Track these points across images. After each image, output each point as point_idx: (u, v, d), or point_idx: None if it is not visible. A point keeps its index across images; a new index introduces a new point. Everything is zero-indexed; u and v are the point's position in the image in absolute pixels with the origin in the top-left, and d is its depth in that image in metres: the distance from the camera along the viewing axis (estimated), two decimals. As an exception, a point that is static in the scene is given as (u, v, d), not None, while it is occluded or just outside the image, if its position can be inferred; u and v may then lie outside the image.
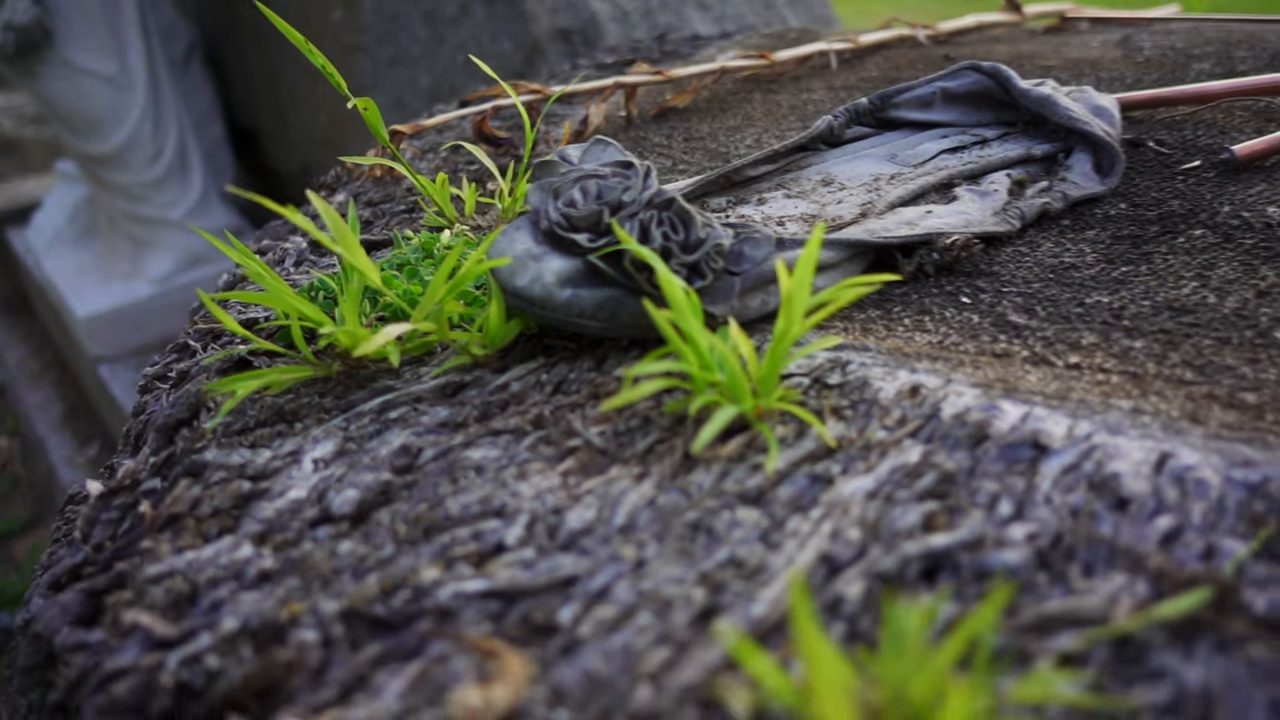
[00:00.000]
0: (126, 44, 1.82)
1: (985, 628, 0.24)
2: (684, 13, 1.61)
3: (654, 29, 1.55)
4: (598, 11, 1.51)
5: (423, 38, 1.67)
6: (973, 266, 0.51)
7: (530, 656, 0.29)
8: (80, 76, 1.76)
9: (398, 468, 0.39)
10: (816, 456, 0.36)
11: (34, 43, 1.65)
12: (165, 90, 1.91)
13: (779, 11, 1.74)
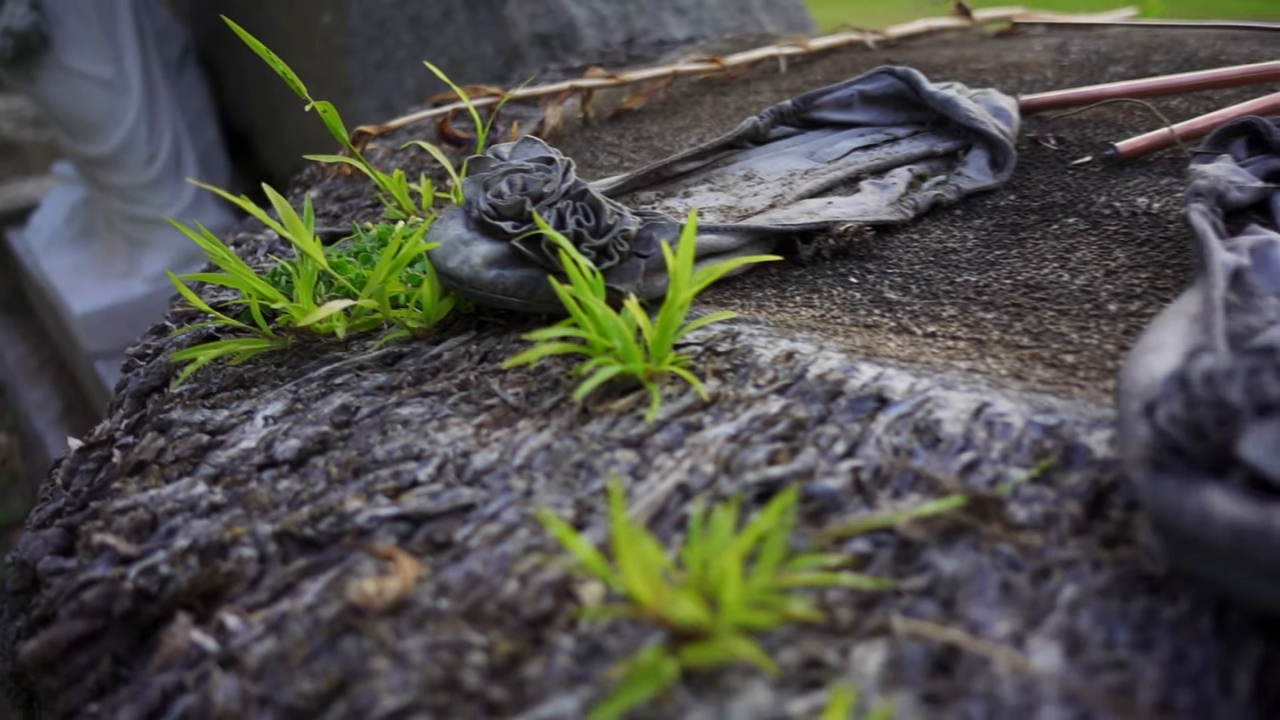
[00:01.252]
0: (122, 48, 1.90)
1: (773, 525, 0.30)
2: (660, 17, 1.67)
3: (631, 33, 1.62)
4: (575, 16, 1.58)
5: (408, 41, 1.74)
6: (865, 251, 0.58)
7: (426, 563, 0.35)
8: (77, 80, 1.84)
9: (336, 423, 0.46)
10: (693, 409, 0.43)
11: (32, 48, 1.73)
12: (160, 93, 1.99)
13: (755, 16, 1.80)
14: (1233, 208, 0.49)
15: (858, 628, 0.30)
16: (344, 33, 1.87)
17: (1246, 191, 0.50)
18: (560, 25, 1.57)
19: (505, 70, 1.56)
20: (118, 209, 1.95)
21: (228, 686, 0.31)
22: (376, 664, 0.30)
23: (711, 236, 0.54)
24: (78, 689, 0.36)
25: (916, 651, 0.29)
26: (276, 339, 0.54)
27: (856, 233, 0.57)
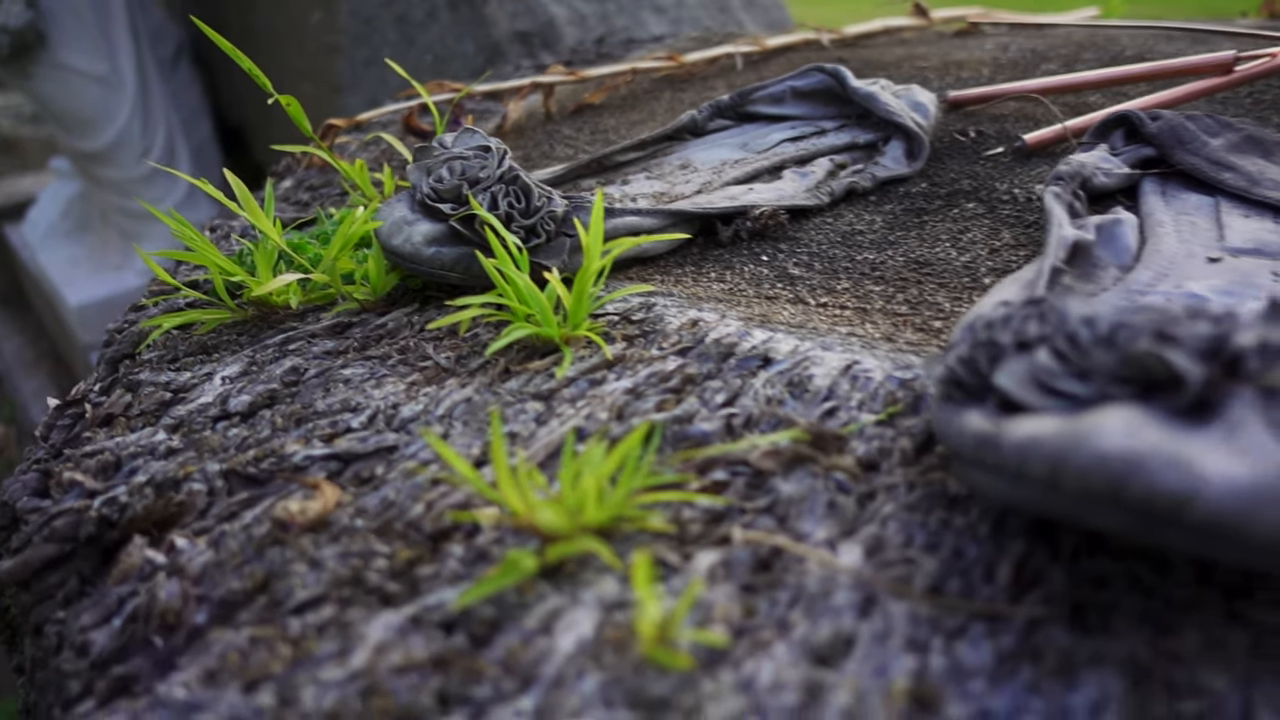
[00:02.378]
0: (117, 45, 1.96)
1: (633, 450, 0.36)
2: (640, 16, 1.73)
3: (611, 32, 1.67)
4: (555, 15, 1.63)
5: (394, 40, 1.80)
6: (779, 232, 0.64)
7: (348, 493, 0.41)
8: (72, 77, 1.90)
9: (286, 381, 0.52)
10: (599, 368, 0.49)
11: (28, 45, 1.79)
12: (154, 90, 2.05)
13: (734, 15, 1.86)
14: (1100, 192, 0.55)
15: (703, 538, 0.36)
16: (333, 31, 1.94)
17: (1113, 177, 0.55)
18: (540, 24, 1.63)
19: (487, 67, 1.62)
20: (112, 203, 2.02)
21: (170, 588, 0.37)
22: (296, 567, 0.36)
23: (634, 218, 0.60)
24: (48, 604, 0.42)
25: (745, 554, 0.35)
26: (238, 310, 0.60)
27: (771, 215, 0.63)
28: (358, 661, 0.31)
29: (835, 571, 0.33)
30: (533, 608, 0.33)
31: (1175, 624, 0.29)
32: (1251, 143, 0.56)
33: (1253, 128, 0.57)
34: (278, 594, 0.35)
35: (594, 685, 0.29)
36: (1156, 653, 0.28)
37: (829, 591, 0.32)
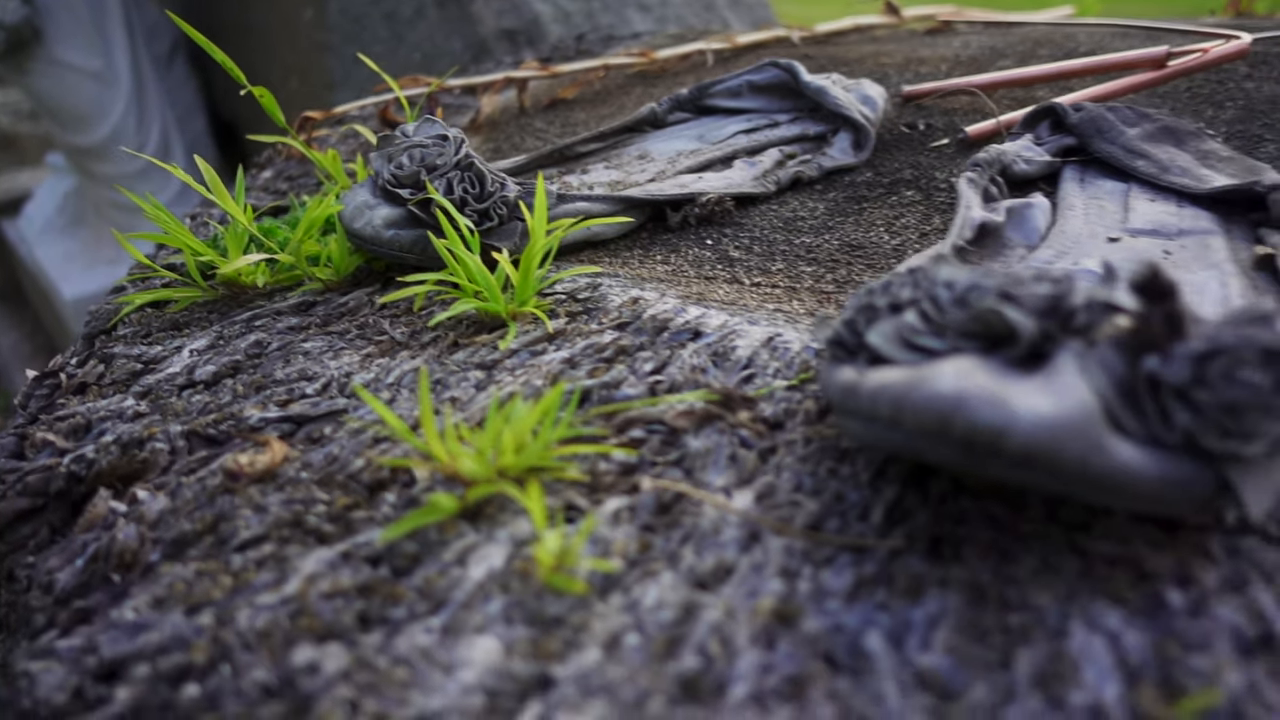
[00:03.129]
0: (112, 42, 2.00)
1: (551, 406, 0.40)
2: (625, 14, 1.77)
3: (596, 30, 1.71)
4: (541, 13, 1.67)
5: (384, 37, 1.84)
6: (726, 219, 0.67)
7: (297, 450, 0.45)
8: (67, 72, 1.94)
9: (249, 354, 0.56)
10: (541, 340, 0.53)
11: (24, 41, 1.83)
12: (149, 86, 2.09)
13: (719, 13, 1.90)
14: (1020, 178, 0.59)
15: (615, 486, 0.40)
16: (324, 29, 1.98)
17: (1034, 165, 0.59)
18: (526, 21, 1.67)
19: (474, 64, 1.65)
20: (107, 198, 2.06)
21: (128, 531, 0.40)
22: (242, 512, 0.40)
23: (584, 204, 0.63)
24: (21, 553, 0.46)
25: (650, 499, 0.38)
26: (210, 290, 0.64)
27: (718, 202, 0.66)
28: (290, 589, 0.35)
29: (727, 513, 0.37)
30: (451, 544, 0.37)
31: (1017, 553, 0.33)
32: (1166, 132, 0.60)
33: (1169, 119, 0.61)
34: (224, 534, 0.39)
35: (498, 607, 0.33)
36: (996, 577, 0.32)
37: (718, 530, 0.36)
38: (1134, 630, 0.29)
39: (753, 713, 0.28)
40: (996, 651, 0.29)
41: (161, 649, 0.33)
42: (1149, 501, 0.29)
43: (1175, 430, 0.29)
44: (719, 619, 0.32)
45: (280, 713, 0.30)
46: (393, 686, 0.30)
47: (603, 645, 0.31)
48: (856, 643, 0.30)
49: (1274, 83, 0.80)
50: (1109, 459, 0.28)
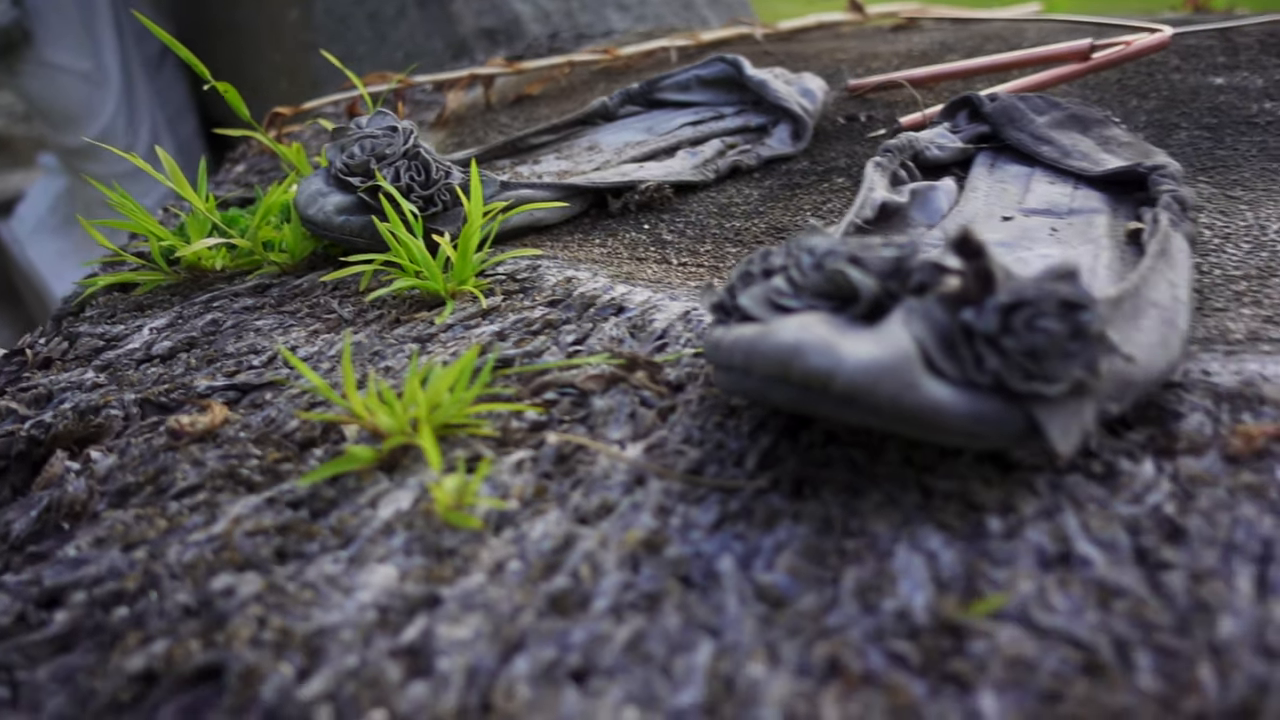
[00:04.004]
0: (101, 43, 2.05)
1: (466, 368, 0.44)
2: (603, 13, 1.81)
3: (575, 28, 1.75)
4: (520, 13, 1.71)
5: (368, 36, 1.88)
6: (665, 205, 0.71)
7: (238, 413, 0.49)
8: (57, 74, 1.99)
9: (205, 331, 0.60)
10: (475, 316, 0.57)
11: (14, 43, 1.88)
12: (139, 87, 2.14)
13: (699, 12, 1.94)
14: (933, 163, 0.63)
15: (523, 441, 0.44)
16: (309, 29, 2.02)
17: (946, 151, 0.63)
18: (506, 20, 1.71)
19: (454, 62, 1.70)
20: (98, 198, 2.10)
21: (78, 484, 0.45)
22: (182, 466, 0.44)
23: (528, 191, 0.68)
24: (-14, 512, 0.50)
25: (551, 451, 0.42)
26: (172, 274, 0.68)
27: (657, 189, 0.71)
28: (217, 529, 0.39)
29: (618, 462, 0.41)
30: (367, 490, 0.41)
31: (868, 491, 0.37)
32: (1073, 120, 0.64)
33: (1077, 107, 0.65)
34: (163, 484, 0.43)
35: (401, 541, 0.37)
36: (844, 510, 0.36)
37: (608, 475, 0.40)
38: (951, 551, 0.33)
39: (609, 622, 0.32)
40: (830, 570, 0.33)
41: (97, 580, 0.37)
42: (962, 436, 0.33)
43: (986, 373, 0.33)
44: (593, 548, 0.36)
45: (197, 629, 0.34)
46: (298, 606, 0.34)
47: (488, 571, 0.35)
48: (710, 566, 0.34)
49: (1199, 74, 0.84)
50: (920, 396, 0.32)
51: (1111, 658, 0.29)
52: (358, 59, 1.91)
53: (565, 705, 0.29)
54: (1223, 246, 0.55)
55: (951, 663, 0.29)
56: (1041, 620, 0.30)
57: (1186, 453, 0.37)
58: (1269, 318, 0.47)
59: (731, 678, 0.29)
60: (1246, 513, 0.34)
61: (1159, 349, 0.39)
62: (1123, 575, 0.32)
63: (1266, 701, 0.27)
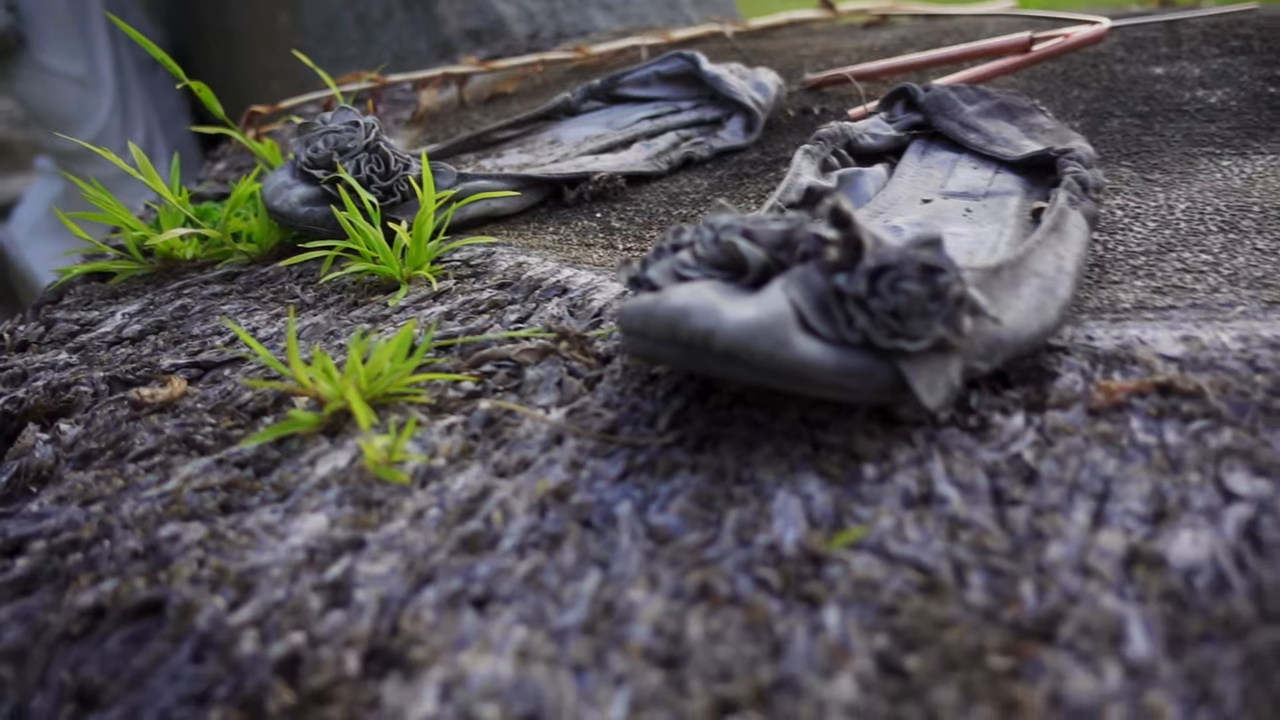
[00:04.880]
0: (95, 47, 2.10)
1: (404, 341, 0.47)
2: (587, 13, 1.85)
3: (559, 29, 1.79)
4: (504, 13, 1.75)
5: (356, 39, 1.92)
6: (618, 195, 0.75)
7: (198, 388, 0.53)
8: (51, 78, 2.04)
9: (174, 316, 0.64)
10: (427, 298, 0.60)
11: (8, 48, 1.93)
12: (133, 90, 2.18)
13: (683, 11, 1.97)
14: (867, 151, 0.66)
15: (457, 408, 0.47)
16: (299, 32, 2.06)
17: (880, 139, 0.67)
18: (490, 21, 1.75)
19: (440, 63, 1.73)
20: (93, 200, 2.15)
21: (45, 451, 0.48)
22: (141, 434, 0.48)
23: (484, 182, 0.71)
24: (-36, 482, 0.54)
25: (481, 416, 0.46)
26: (147, 264, 0.72)
27: (610, 180, 0.74)
28: (169, 486, 0.43)
29: (541, 424, 0.45)
30: (308, 451, 0.45)
31: (762, 445, 0.40)
32: (1001, 109, 0.67)
33: (1006, 96, 0.68)
34: (122, 449, 0.47)
35: (334, 494, 0.41)
36: (738, 462, 0.40)
37: (530, 436, 0.44)
38: (826, 494, 0.37)
39: (512, 558, 0.36)
40: (716, 513, 0.37)
41: (56, 531, 0.41)
42: (834, 389, 0.37)
43: (855, 331, 0.36)
44: (506, 497, 0.39)
45: (143, 570, 0.38)
46: (235, 549, 0.38)
47: (409, 518, 0.39)
48: (610, 511, 0.38)
49: (1141, 65, 0.87)
50: (792, 352, 0.36)
51: (949, 578, 0.32)
52: (347, 61, 1.96)
53: (463, 626, 0.33)
54: (1131, 225, 0.58)
55: (807, 585, 0.32)
56: (894, 549, 0.34)
57: (1055, 407, 0.41)
58: (1158, 289, 0.50)
59: (613, 602, 0.33)
60: (1095, 457, 0.37)
61: (1034, 314, 0.42)
62: (974, 512, 0.35)
63: (1073, 610, 0.30)
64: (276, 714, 0.31)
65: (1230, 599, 0.30)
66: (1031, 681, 0.28)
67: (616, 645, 0.31)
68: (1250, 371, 0.41)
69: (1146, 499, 0.35)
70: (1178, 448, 0.37)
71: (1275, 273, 0.51)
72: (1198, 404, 0.40)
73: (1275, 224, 0.56)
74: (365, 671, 0.32)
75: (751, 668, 0.30)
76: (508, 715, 0.29)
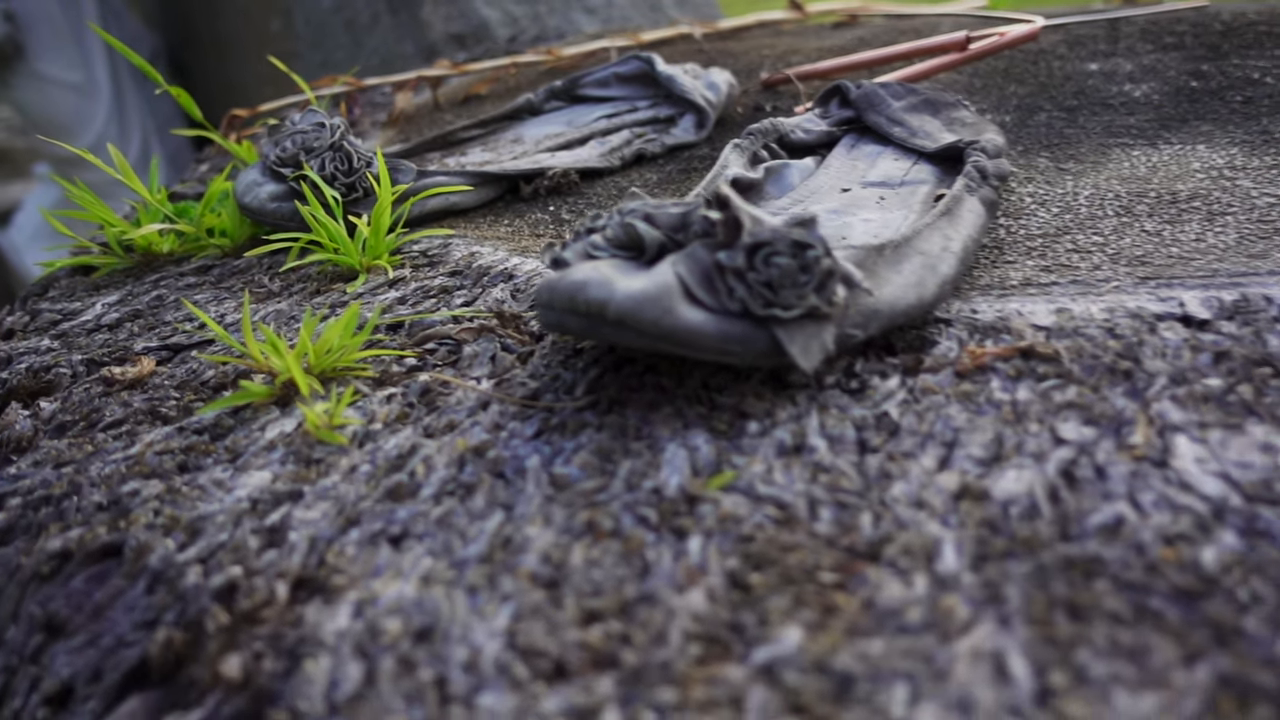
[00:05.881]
0: (91, 55, 2.16)
1: (350, 321, 0.52)
2: (571, 16, 1.90)
3: (544, 32, 1.84)
4: (488, 18, 1.81)
5: (345, 43, 1.98)
6: (573, 190, 0.80)
7: (168, 367, 0.58)
8: (49, 86, 2.10)
9: (150, 305, 0.69)
10: (383, 285, 0.65)
11: (6, 57, 1.99)
12: (129, 97, 2.24)
13: (666, 13, 2.03)
14: (799, 145, 0.71)
15: (399, 381, 0.52)
16: (291, 38, 2.12)
17: (811, 134, 0.72)
18: (474, 25, 1.80)
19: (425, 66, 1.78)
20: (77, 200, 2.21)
21: (24, 423, 0.54)
22: (113, 407, 0.53)
23: (443, 178, 0.76)
24: (-46, 457, 0.59)
25: (418, 387, 0.51)
26: (127, 258, 0.77)
27: (563, 175, 0.79)
28: (133, 451, 0.48)
29: (471, 393, 0.50)
30: (260, 419, 0.50)
31: (664, 406, 0.45)
32: (926, 104, 0.72)
33: (932, 93, 0.73)
34: (93, 420, 0.52)
35: (279, 454, 0.46)
36: (640, 421, 0.45)
37: (460, 403, 0.49)
38: (711, 446, 0.42)
39: (429, 504, 0.41)
40: (613, 464, 0.42)
41: (31, 490, 0.46)
42: (717, 352, 0.42)
43: (735, 300, 0.41)
44: (431, 454, 0.44)
45: (105, 519, 0.43)
46: (187, 501, 0.43)
47: (343, 473, 0.44)
48: (521, 464, 0.43)
49: (1078, 61, 0.92)
50: (676, 319, 0.41)
51: (803, 512, 0.37)
52: (336, 64, 2.01)
53: (379, 559, 0.38)
54: (1035, 211, 0.63)
55: (680, 520, 0.37)
56: (760, 490, 0.38)
57: (927, 371, 0.45)
58: (1047, 267, 0.55)
59: (510, 537, 0.38)
60: (952, 412, 0.42)
61: (912, 289, 0.47)
62: (838, 459, 0.40)
63: (901, 535, 0.35)
64: (214, 633, 0.36)
65: (1036, 524, 0.35)
66: (852, 591, 0.33)
67: (508, 571, 0.36)
68: (1107, 338, 0.46)
69: (987, 446, 0.40)
70: (1025, 403, 0.42)
71: (1155, 252, 0.55)
72: (1053, 366, 0.44)
73: (1167, 208, 0.61)
74: (293, 598, 0.37)
75: (620, 586, 0.34)
76: (407, 628, 0.34)
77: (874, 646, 0.30)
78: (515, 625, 0.33)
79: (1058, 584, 0.32)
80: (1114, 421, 0.40)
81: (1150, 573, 0.32)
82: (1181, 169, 0.67)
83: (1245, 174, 0.65)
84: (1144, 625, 0.30)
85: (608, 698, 0.30)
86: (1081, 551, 0.33)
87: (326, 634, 0.34)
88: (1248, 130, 0.72)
